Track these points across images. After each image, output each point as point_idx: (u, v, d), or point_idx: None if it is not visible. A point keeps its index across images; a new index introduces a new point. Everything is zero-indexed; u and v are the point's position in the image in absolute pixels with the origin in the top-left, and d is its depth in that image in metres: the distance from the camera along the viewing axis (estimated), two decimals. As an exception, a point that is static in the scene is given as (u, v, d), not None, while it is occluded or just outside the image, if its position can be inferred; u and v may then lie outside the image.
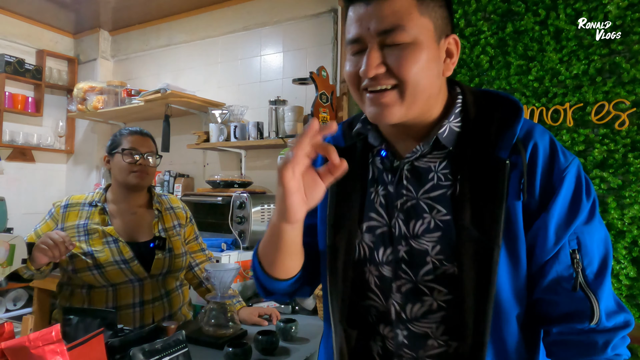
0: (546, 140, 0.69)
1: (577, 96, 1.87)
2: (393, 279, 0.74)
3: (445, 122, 0.72)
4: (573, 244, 0.66)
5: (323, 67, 2.38)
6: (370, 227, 0.77)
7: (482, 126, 0.71)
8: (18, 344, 0.71)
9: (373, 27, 0.66)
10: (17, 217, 3.21)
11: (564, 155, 0.68)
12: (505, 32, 2.03)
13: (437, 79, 0.70)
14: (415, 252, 0.72)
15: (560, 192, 0.66)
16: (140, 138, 1.57)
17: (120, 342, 0.96)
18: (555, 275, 0.66)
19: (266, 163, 2.80)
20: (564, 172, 0.67)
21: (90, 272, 1.44)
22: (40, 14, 3.39)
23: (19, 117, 3.42)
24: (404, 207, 0.74)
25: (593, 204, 0.68)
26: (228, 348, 1.22)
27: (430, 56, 0.67)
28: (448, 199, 0.70)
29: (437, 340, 0.72)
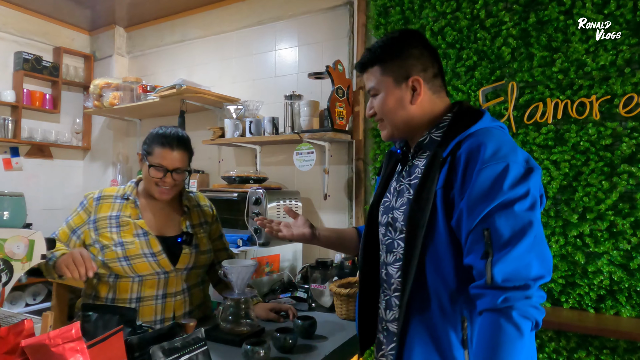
0: (478, 142, 0.92)
1: (604, 88, 1.80)
2: (384, 235, 1.12)
3: (426, 133, 1.06)
4: (485, 225, 0.86)
5: (339, 60, 2.35)
6: (384, 202, 1.16)
7: (447, 135, 1.00)
8: (38, 342, 0.70)
9: (366, 87, 1.14)
10: (36, 213, 3.25)
11: (491, 155, 0.89)
12: (528, 22, 1.96)
13: (405, 109, 1.06)
14: (394, 218, 1.08)
15: (476, 183, 0.89)
16: (169, 152, 1.49)
17: (139, 339, 0.95)
18: (471, 246, 0.89)
19: (281, 159, 2.78)
20: (482, 168, 0.89)
21: (119, 263, 1.46)
22: (57, 12, 3.41)
23: (37, 114, 3.46)
24: (398, 189, 1.11)
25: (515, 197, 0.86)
26: (246, 345, 1.20)
27: (393, 97, 1.07)
28: (415, 185, 1.03)
29: (396, 281, 1.07)
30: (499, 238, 0.85)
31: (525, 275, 0.83)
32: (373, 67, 1.09)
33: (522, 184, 0.88)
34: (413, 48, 1.05)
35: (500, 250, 0.85)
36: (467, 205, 0.89)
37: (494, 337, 0.83)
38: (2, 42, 3.26)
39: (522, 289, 0.83)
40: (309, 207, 2.63)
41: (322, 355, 1.30)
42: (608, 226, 1.78)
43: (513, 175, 0.88)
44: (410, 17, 2.28)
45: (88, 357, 0.74)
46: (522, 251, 0.84)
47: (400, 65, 1.05)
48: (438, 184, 0.95)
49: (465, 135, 0.96)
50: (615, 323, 1.70)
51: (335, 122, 2.29)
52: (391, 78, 1.06)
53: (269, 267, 2.17)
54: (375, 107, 1.10)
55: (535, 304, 0.84)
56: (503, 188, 0.87)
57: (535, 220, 0.87)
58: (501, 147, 0.91)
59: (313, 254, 2.57)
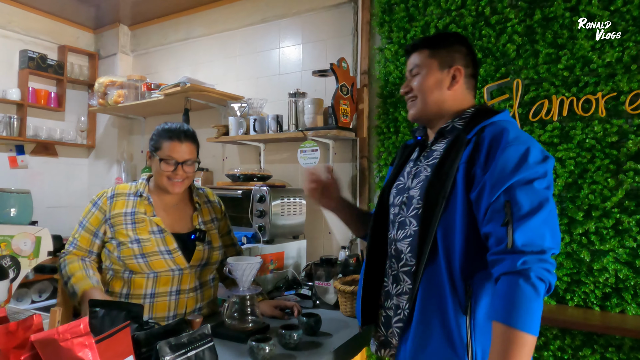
0: (501, 128, 1.03)
1: (610, 85, 1.79)
2: (397, 214, 1.20)
3: (450, 122, 1.17)
4: (507, 197, 0.95)
5: (343, 58, 2.35)
6: (397, 184, 1.25)
7: (470, 124, 1.11)
8: (47, 336, 0.70)
9: (407, 69, 1.24)
10: (41, 211, 3.26)
11: (513, 139, 1.00)
12: (533, 19, 1.95)
13: (441, 91, 1.17)
14: (410, 197, 1.16)
15: (500, 159, 0.98)
16: (178, 145, 1.51)
17: (146, 335, 0.96)
18: (491, 216, 0.97)
19: (285, 156, 2.78)
20: (506, 146, 0.99)
21: (136, 260, 1.47)
22: (62, 10, 3.42)
23: (42, 112, 3.47)
24: (415, 171, 1.20)
25: (536, 176, 0.96)
26: (252, 342, 1.21)
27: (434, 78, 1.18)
28: (434, 165, 1.12)
29: (405, 256, 1.14)
30: (519, 209, 0.93)
31: (541, 243, 0.92)
32: (422, 49, 1.20)
33: (542, 165, 0.98)
34: (462, 46, 1.20)
35: (520, 219, 0.93)
36: (490, 179, 0.98)
37: (513, 296, 0.90)
38: (7, 40, 3.28)
39: (539, 254, 0.91)
40: (313, 205, 2.63)
41: (326, 352, 1.30)
42: (614, 224, 1.77)
43: (534, 156, 0.98)
44: (414, 14, 2.27)
45: (96, 352, 0.75)
46: (538, 222, 0.92)
47: (447, 54, 1.17)
48: (461, 160, 1.04)
49: (489, 122, 1.07)
50: (621, 321, 1.69)
51: (339, 119, 2.29)
52: (437, 62, 1.17)
53: (273, 265, 2.18)
54: (415, 85, 1.20)
55: (549, 268, 0.91)
56: (525, 165, 0.96)
57: (550, 198, 0.96)
58: (521, 134, 1.03)
59: (317, 251, 2.57)
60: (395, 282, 1.17)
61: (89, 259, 1.54)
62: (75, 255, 1.52)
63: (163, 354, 0.89)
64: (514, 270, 0.91)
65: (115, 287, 1.51)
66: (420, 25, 2.24)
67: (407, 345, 1.07)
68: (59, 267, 1.52)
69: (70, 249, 1.53)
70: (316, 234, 2.62)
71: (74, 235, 1.54)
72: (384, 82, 2.37)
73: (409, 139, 2.27)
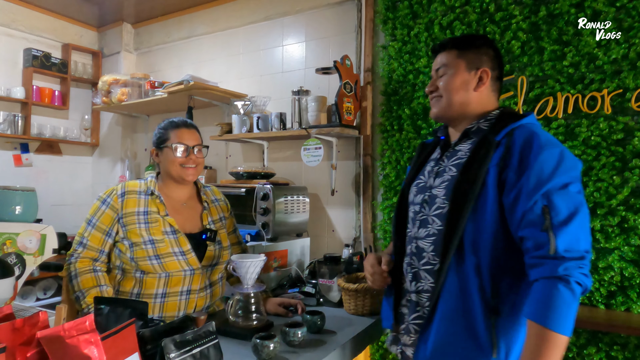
0: (531, 132, 1.04)
1: (615, 82, 1.78)
2: (418, 212, 1.20)
3: (475, 122, 1.18)
4: (544, 202, 0.96)
5: (347, 55, 2.34)
6: (417, 183, 1.26)
7: (497, 125, 1.12)
8: (53, 333, 0.70)
9: (434, 68, 1.24)
10: (46, 209, 3.26)
11: (545, 143, 1.01)
12: (538, 15, 1.94)
13: (467, 92, 1.18)
14: (432, 196, 1.17)
15: (535, 164, 0.99)
16: (187, 131, 1.57)
17: (151, 332, 0.96)
18: (529, 221, 0.98)
19: (289, 154, 2.78)
20: (540, 151, 0.99)
21: (150, 261, 1.46)
22: (65, 8, 3.43)
23: (46, 111, 3.48)
24: (437, 170, 1.20)
25: (570, 181, 0.98)
26: (256, 339, 1.21)
27: (460, 78, 1.18)
28: (460, 165, 1.12)
29: (428, 254, 1.15)
30: (558, 214, 0.95)
31: (580, 248, 0.94)
32: (451, 49, 1.20)
33: (574, 168, 1.00)
34: (490, 48, 1.20)
35: (560, 225, 0.94)
36: (526, 184, 0.99)
37: (552, 299, 0.92)
38: (11, 39, 3.29)
39: (579, 260, 0.93)
40: (317, 203, 2.64)
41: (330, 349, 1.30)
42: (619, 222, 1.76)
43: (568, 159, 1.00)
44: (418, 12, 2.26)
45: (102, 349, 0.75)
46: (576, 227, 0.95)
47: (475, 55, 1.18)
48: (492, 162, 1.05)
49: (517, 125, 1.08)
50: (626, 319, 1.68)
51: (343, 117, 2.29)
52: (465, 62, 1.18)
53: (276, 263, 2.18)
54: (441, 84, 1.20)
55: (587, 273, 0.94)
56: (560, 170, 0.98)
57: (584, 202, 0.98)
58: (550, 137, 1.05)
59: (321, 249, 2.57)
60: (415, 279, 1.18)
61: (100, 261, 1.51)
62: (86, 259, 1.49)
63: (168, 351, 0.90)
64: (555, 276, 0.93)
65: (126, 287, 1.50)
66: (424, 23, 2.24)
67: (427, 344, 1.08)
68: (68, 273, 1.48)
69: (79, 250, 1.49)
70: (320, 231, 2.62)
71: (83, 234, 1.51)
72: (388, 79, 2.36)
73: (412, 136, 2.26)
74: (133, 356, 0.84)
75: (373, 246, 2.39)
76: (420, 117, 2.24)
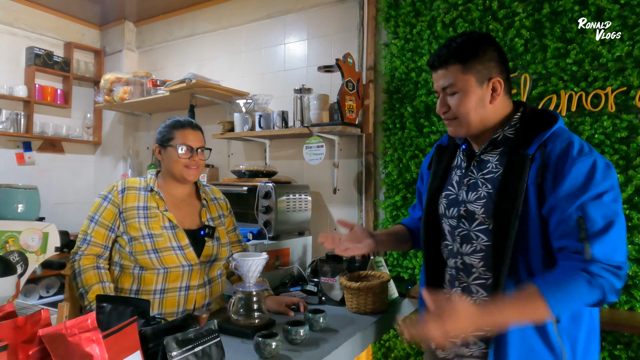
0: (565, 141, 1.02)
1: (619, 80, 1.77)
2: (456, 227, 1.18)
3: (500, 130, 1.13)
4: (579, 213, 0.95)
5: (349, 53, 2.33)
6: (447, 194, 1.22)
7: (524, 133, 1.09)
8: (55, 331, 0.70)
9: (438, 85, 1.14)
10: (48, 207, 3.28)
11: (578, 152, 0.99)
12: (541, 13, 1.93)
13: (484, 108, 1.10)
14: (469, 211, 1.14)
15: (569, 176, 0.98)
16: (192, 132, 1.59)
17: (153, 330, 0.96)
18: (564, 232, 0.97)
19: (291, 153, 2.78)
20: (574, 163, 0.98)
21: (148, 256, 1.48)
22: (67, 7, 3.43)
23: (48, 109, 3.49)
24: (468, 183, 1.17)
25: (604, 190, 0.96)
26: (258, 338, 1.21)
27: (474, 97, 1.09)
28: (495, 179, 1.10)
29: (478, 270, 1.13)
30: (593, 225, 0.94)
31: (616, 258, 0.94)
32: (454, 65, 1.09)
33: (607, 177, 0.98)
34: (494, 51, 1.10)
35: (595, 235, 0.94)
36: (561, 196, 0.98)
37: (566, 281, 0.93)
38: (14, 37, 3.29)
39: (615, 268, 0.93)
40: (319, 201, 2.63)
41: (332, 348, 1.30)
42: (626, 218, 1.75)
43: (600, 169, 0.98)
44: (421, 9, 2.25)
45: (104, 347, 0.75)
46: (612, 237, 0.94)
47: (483, 66, 1.08)
48: (529, 179, 1.03)
49: (549, 134, 1.05)
50: (630, 318, 1.67)
51: (345, 115, 2.28)
52: (474, 77, 1.08)
53: (278, 261, 2.18)
54: (453, 105, 1.11)
55: (617, 285, 0.93)
56: (594, 181, 0.97)
57: (620, 211, 0.97)
58: (583, 144, 1.02)
59: (323, 247, 2.56)
60: (467, 293, 1.15)
61: (104, 258, 1.52)
62: (90, 255, 1.50)
63: (170, 350, 0.89)
64: (583, 269, 0.93)
65: (125, 284, 1.50)
66: (426, 20, 2.23)
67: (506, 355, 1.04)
68: (72, 270, 1.49)
69: (83, 247, 1.51)
70: (322, 230, 2.62)
71: (86, 231, 1.52)
72: (390, 77, 2.35)
73: (414, 134, 2.25)
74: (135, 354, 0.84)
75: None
76: (423, 115, 2.23)
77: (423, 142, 2.22)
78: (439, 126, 2.18)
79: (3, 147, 3.27)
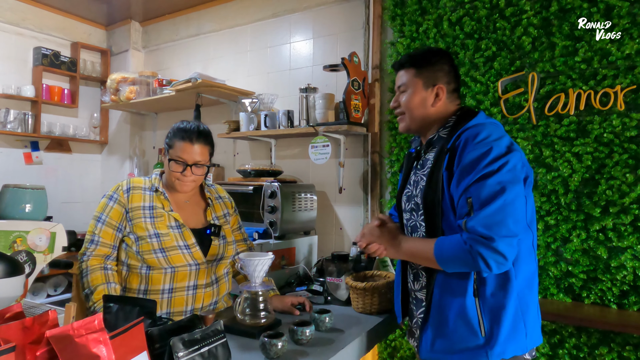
0: (473, 131, 1.18)
1: (629, 78, 1.74)
2: (409, 219, 1.36)
3: (436, 132, 1.31)
4: (468, 194, 1.13)
5: (355, 52, 2.32)
6: (406, 192, 1.39)
7: (452, 132, 1.26)
8: (62, 332, 0.71)
9: (396, 85, 1.39)
10: (55, 207, 3.31)
11: (479, 141, 1.15)
12: (549, 10, 1.91)
13: (425, 108, 1.31)
14: (417, 204, 1.31)
15: (462, 162, 1.15)
16: (189, 146, 1.49)
17: (159, 331, 0.96)
18: (459, 210, 1.16)
19: (296, 152, 2.77)
20: (471, 149, 1.14)
21: (155, 255, 1.48)
22: (74, 7, 3.45)
23: (55, 109, 3.51)
24: (416, 179, 1.34)
25: (488, 173, 1.11)
26: (264, 338, 1.21)
27: (419, 97, 1.31)
28: (427, 174, 1.27)
29: None
30: (475, 204, 1.11)
31: (485, 230, 1.07)
32: (409, 68, 1.33)
33: (498, 161, 1.12)
34: (445, 64, 1.32)
35: (475, 212, 1.11)
36: (457, 178, 1.16)
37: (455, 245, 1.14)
38: (21, 37, 3.31)
39: (486, 239, 1.07)
40: (324, 201, 2.63)
41: (338, 348, 1.30)
42: (632, 220, 1.73)
43: (492, 155, 1.12)
44: (427, 8, 2.24)
45: (110, 348, 0.75)
46: (488, 213, 1.08)
47: (431, 73, 1.31)
48: (443, 167, 1.20)
49: (464, 128, 1.22)
50: (639, 319, 1.65)
51: (350, 114, 2.27)
52: (422, 81, 1.31)
53: (284, 260, 2.17)
54: (402, 101, 1.35)
55: (490, 257, 1.07)
56: (480, 165, 1.12)
57: (508, 191, 1.09)
58: (490, 135, 1.16)
59: (328, 247, 2.56)
60: (415, 278, 1.35)
61: (112, 259, 1.52)
62: (98, 256, 1.49)
63: (176, 350, 0.90)
64: (462, 239, 1.11)
65: (133, 284, 1.50)
66: (433, 19, 2.21)
67: (427, 332, 1.25)
68: (80, 271, 1.48)
69: (91, 248, 1.49)
70: (327, 229, 2.62)
71: (93, 232, 1.50)
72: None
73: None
74: (142, 355, 0.84)
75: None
76: (429, 114, 2.22)
77: (429, 141, 2.21)
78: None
79: (11, 147, 3.30)
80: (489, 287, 1.16)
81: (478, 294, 1.16)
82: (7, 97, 3.17)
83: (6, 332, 0.73)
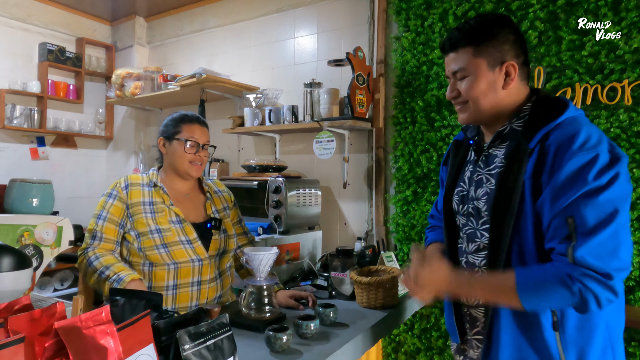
0: (569, 133, 0.93)
1: (637, 72, 1.73)
2: (465, 225, 1.14)
3: (507, 122, 1.06)
4: (569, 212, 0.89)
5: (359, 47, 2.32)
6: (458, 191, 1.18)
7: (531, 125, 1.01)
8: (70, 324, 0.71)
9: (449, 69, 1.09)
10: (62, 201, 3.32)
11: (580, 146, 0.91)
12: (556, 4, 1.89)
13: (496, 93, 1.04)
14: (477, 209, 1.09)
15: (562, 172, 0.91)
16: (199, 128, 1.58)
17: (165, 324, 0.96)
18: (554, 232, 0.92)
19: (301, 147, 2.77)
20: (572, 156, 0.90)
21: (157, 251, 1.47)
22: (79, 3, 3.46)
23: (61, 104, 3.53)
24: (476, 179, 1.12)
25: (599, 187, 0.88)
26: (269, 332, 1.21)
27: (485, 81, 1.04)
28: (497, 175, 1.05)
29: (480, 269, 1.08)
30: (581, 226, 0.88)
31: (602, 264, 0.86)
32: (465, 47, 1.05)
33: (607, 172, 0.89)
34: (509, 33, 1.04)
35: (582, 238, 0.88)
36: (552, 192, 0.92)
37: (547, 285, 0.90)
38: (27, 33, 3.33)
39: (603, 277, 0.86)
40: (329, 196, 2.63)
41: (343, 342, 1.30)
42: (638, 216, 1.72)
43: (600, 164, 0.89)
44: (432, 2, 2.22)
45: (118, 340, 0.76)
46: (602, 241, 0.86)
47: (496, 49, 1.03)
48: (526, 174, 0.97)
49: (553, 125, 0.97)
50: (645, 315, 1.65)
51: (355, 109, 2.27)
52: (485, 61, 1.03)
53: (289, 255, 2.18)
54: (463, 89, 1.07)
55: (607, 296, 0.87)
56: (589, 178, 0.89)
57: (621, 213, 0.88)
58: (590, 136, 0.92)
59: (333, 242, 2.57)
60: None
61: (117, 254, 1.50)
62: (103, 249, 1.47)
63: (182, 343, 0.90)
64: (567, 273, 0.88)
65: None
66: (438, 13, 2.20)
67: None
68: (85, 260, 1.44)
69: (95, 244, 1.47)
70: (332, 224, 2.62)
71: (95, 228, 1.49)
72: (401, 71, 2.33)
73: (425, 128, 2.23)
74: (148, 347, 0.84)
75: (385, 239, 2.38)
76: (434, 109, 2.21)
77: (434, 136, 2.20)
78: (451, 120, 2.16)
79: (17, 142, 3.32)
80: (571, 319, 0.95)
81: (558, 326, 0.95)
82: (13, 93, 3.19)
83: (15, 324, 0.74)
